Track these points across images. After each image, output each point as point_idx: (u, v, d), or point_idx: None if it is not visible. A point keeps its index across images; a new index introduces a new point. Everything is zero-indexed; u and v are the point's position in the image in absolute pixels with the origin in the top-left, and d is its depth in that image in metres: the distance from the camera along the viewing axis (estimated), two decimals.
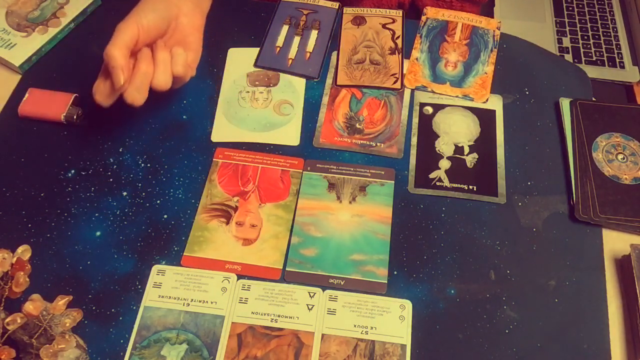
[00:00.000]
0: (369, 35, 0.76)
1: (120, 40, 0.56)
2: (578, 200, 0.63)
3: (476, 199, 0.64)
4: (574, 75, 0.75)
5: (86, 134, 0.67)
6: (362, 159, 0.67)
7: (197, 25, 0.64)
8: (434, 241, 0.61)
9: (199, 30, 0.64)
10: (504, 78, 0.73)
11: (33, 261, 0.58)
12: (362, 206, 0.63)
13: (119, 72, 0.56)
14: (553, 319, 0.57)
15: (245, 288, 0.58)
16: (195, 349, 0.54)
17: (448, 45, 0.75)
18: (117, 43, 0.56)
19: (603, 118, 0.69)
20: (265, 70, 0.73)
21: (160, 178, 0.65)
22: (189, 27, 0.63)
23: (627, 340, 0.56)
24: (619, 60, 1.06)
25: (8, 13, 0.75)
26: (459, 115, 0.70)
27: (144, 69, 0.57)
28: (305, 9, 0.79)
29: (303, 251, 0.60)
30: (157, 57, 0.58)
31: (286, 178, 0.65)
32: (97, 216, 0.62)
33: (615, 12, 1.14)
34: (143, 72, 0.57)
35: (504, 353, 0.55)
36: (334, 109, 0.70)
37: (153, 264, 0.59)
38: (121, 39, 0.56)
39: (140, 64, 0.57)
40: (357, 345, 0.55)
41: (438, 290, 0.58)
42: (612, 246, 0.61)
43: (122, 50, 0.56)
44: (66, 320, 0.53)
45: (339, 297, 0.58)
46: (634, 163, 0.66)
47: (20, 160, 0.65)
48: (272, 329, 0.56)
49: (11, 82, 0.71)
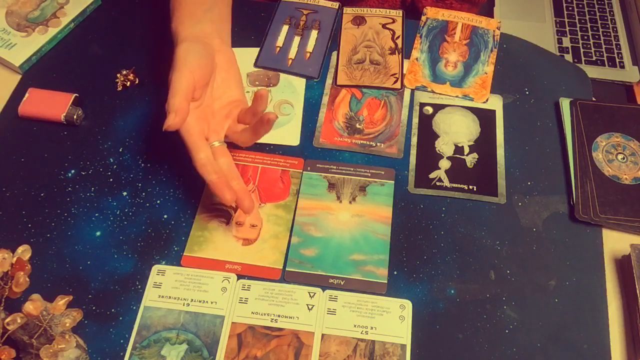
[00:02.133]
0: (369, 35, 0.76)
1: (179, 89, 0.54)
2: (578, 200, 0.63)
3: (476, 199, 0.64)
4: (574, 75, 0.75)
5: (86, 134, 0.67)
6: (362, 159, 0.67)
7: (231, 59, 0.63)
8: (434, 241, 0.61)
9: (234, 62, 0.63)
10: (504, 78, 0.73)
11: (33, 261, 0.58)
12: (362, 206, 0.63)
13: (183, 115, 0.54)
14: (553, 319, 0.57)
15: (245, 288, 0.58)
16: (195, 349, 0.54)
17: (448, 45, 0.75)
18: (177, 93, 0.54)
19: (603, 118, 0.69)
20: (265, 70, 0.73)
21: (160, 178, 0.65)
22: (226, 63, 0.62)
23: (627, 340, 0.56)
24: (619, 60, 1.06)
25: (8, 13, 0.75)
26: (459, 115, 0.70)
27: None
28: (305, 9, 0.79)
29: (303, 251, 0.60)
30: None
31: (286, 178, 0.65)
32: (97, 216, 0.62)
33: (615, 12, 1.14)
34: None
35: (504, 353, 0.55)
36: (334, 109, 0.70)
37: (153, 264, 0.59)
38: (179, 88, 0.54)
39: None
40: (357, 345, 0.55)
41: (438, 290, 0.58)
42: (612, 246, 0.61)
43: (183, 100, 0.54)
44: (66, 320, 0.53)
45: (339, 297, 0.58)
46: (634, 163, 0.66)
47: (20, 160, 0.65)
48: (272, 329, 0.56)
49: (11, 82, 0.71)
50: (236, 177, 0.58)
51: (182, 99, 0.54)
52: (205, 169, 0.55)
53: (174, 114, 0.53)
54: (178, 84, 0.54)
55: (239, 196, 0.57)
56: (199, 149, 0.55)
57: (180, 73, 0.55)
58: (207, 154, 0.56)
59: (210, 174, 0.55)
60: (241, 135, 0.60)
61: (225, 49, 0.62)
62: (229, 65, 0.62)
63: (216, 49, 0.61)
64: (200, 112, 0.58)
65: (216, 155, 0.58)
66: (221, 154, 0.58)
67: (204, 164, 0.55)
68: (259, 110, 0.57)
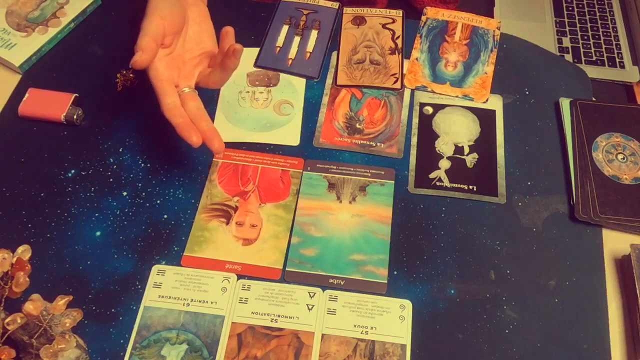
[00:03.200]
0: (369, 35, 0.76)
1: (149, 32, 0.57)
2: (578, 200, 0.63)
3: (476, 199, 0.64)
4: (574, 75, 0.75)
5: (86, 134, 0.67)
6: (362, 159, 0.67)
7: (205, 13, 0.65)
8: (434, 241, 0.61)
9: (208, 17, 0.65)
10: (504, 78, 0.73)
11: (33, 261, 0.58)
12: (362, 206, 0.63)
13: (150, 57, 0.56)
14: (553, 319, 0.57)
15: (245, 288, 0.58)
16: (195, 349, 0.54)
17: (448, 45, 0.75)
18: (146, 34, 0.56)
19: (603, 118, 0.69)
20: (265, 70, 0.73)
21: (160, 178, 0.65)
22: (199, 16, 0.63)
23: (627, 340, 0.56)
24: (619, 60, 1.06)
25: (8, 13, 0.75)
26: (459, 115, 0.70)
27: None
28: (305, 9, 0.79)
29: (303, 251, 0.60)
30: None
31: (286, 178, 0.65)
32: (97, 216, 0.62)
33: (615, 12, 1.14)
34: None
35: (504, 353, 0.55)
36: (334, 109, 0.70)
37: (153, 264, 0.59)
38: (148, 30, 0.57)
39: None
40: (357, 345, 0.55)
41: (438, 290, 0.58)
42: (612, 246, 0.61)
43: (151, 40, 0.56)
44: (66, 320, 0.53)
45: (339, 297, 0.58)
46: (634, 163, 0.66)
47: (20, 160, 0.65)
48: (272, 329, 0.56)
49: (11, 82, 0.71)
50: (205, 119, 0.59)
51: (151, 39, 0.56)
52: (171, 113, 0.57)
53: (141, 51, 0.56)
54: (148, 27, 0.57)
55: (207, 136, 0.58)
56: (166, 94, 0.57)
57: (152, 17, 0.58)
58: (174, 99, 0.58)
59: (176, 117, 0.57)
60: (211, 76, 0.61)
61: (198, 3, 0.64)
62: (202, 18, 0.64)
63: (189, 2, 0.62)
64: (170, 59, 0.60)
65: (186, 100, 0.59)
66: (191, 99, 0.60)
67: (170, 109, 0.57)
68: (226, 46, 0.58)
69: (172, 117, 0.57)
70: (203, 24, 0.64)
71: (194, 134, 0.57)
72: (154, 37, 0.57)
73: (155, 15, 0.58)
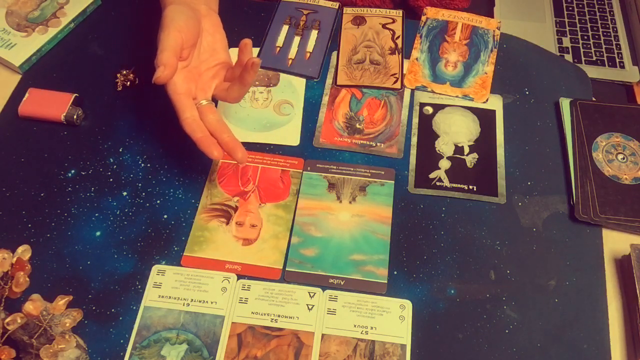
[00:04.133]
0: (369, 35, 0.76)
1: (168, 46, 0.56)
2: (578, 200, 0.63)
3: (476, 199, 0.64)
4: (574, 75, 0.75)
5: (86, 134, 0.67)
6: (362, 159, 0.67)
7: (217, 23, 0.64)
8: (434, 241, 0.61)
9: (220, 27, 0.64)
10: (504, 78, 0.73)
11: (33, 261, 0.58)
12: (362, 206, 0.63)
13: (171, 70, 0.56)
14: (553, 319, 0.57)
15: (245, 288, 0.58)
16: (195, 349, 0.54)
17: (448, 45, 0.75)
18: (166, 49, 0.56)
19: (603, 118, 0.69)
20: (265, 70, 0.73)
21: (160, 178, 0.65)
22: (212, 27, 0.63)
23: (627, 340, 0.56)
24: (619, 60, 1.06)
25: (8, 13, 0.75)
26: (459, 115, 0.70)
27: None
28: (305, 9, 0.79)
29: (303, 251, 0.60)
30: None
31: (286, 178, 0.65)
32: (97, 216, 0.62)
33: (615, 12, 1.14)
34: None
35: (504, 353, 0.55)
36: (334, 109, 0.70)
37: (153, 264, 0.59)
38: (167, 44, 0.56)
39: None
40: (357, 345, 0.55)
41: (438, 290, 0.58)
42: (612, 246, 0.61)
43: (172, 55, 0.56)
44: (66, 320, 0.53)
45: (339, 297, 0.58)
46: (634, 163, 0.66)
47: (20, 160, 0.65)
48: (272, 329, 0.56)
49: (11, 82, 0.71)
50: (226, 130, 0.59)
51: (171, 54, 0.56)
52: (191, 128, 0.57)
53: (163, 67, 0.55)
54: (166, 41, 0.56)
55: (230, 147, 0.58)
56: (185, 108, 0.57)
57: (169, 31, 0.57)
58: (192, 113, 0.57)
59: (196, 132, 0.57)
60: (230, 92, 0.61)
61: (211, 14, 0.64)
62: (215, 29, 0.63)
63: (203, 13, 0.62)
64: (187, 72, 0.60)
65: (204, 113, 0.59)
66: (209, 112, 0.60)
67: (190, 123, 0.57)
68: (244, 59, 0.58)
69: (192, 132, 0.56)
70: (217, 35, 0.63)
71: (215, 149, 0.56)
72: (174, 51, 0.56)
73: (172, 28, 0.57)
